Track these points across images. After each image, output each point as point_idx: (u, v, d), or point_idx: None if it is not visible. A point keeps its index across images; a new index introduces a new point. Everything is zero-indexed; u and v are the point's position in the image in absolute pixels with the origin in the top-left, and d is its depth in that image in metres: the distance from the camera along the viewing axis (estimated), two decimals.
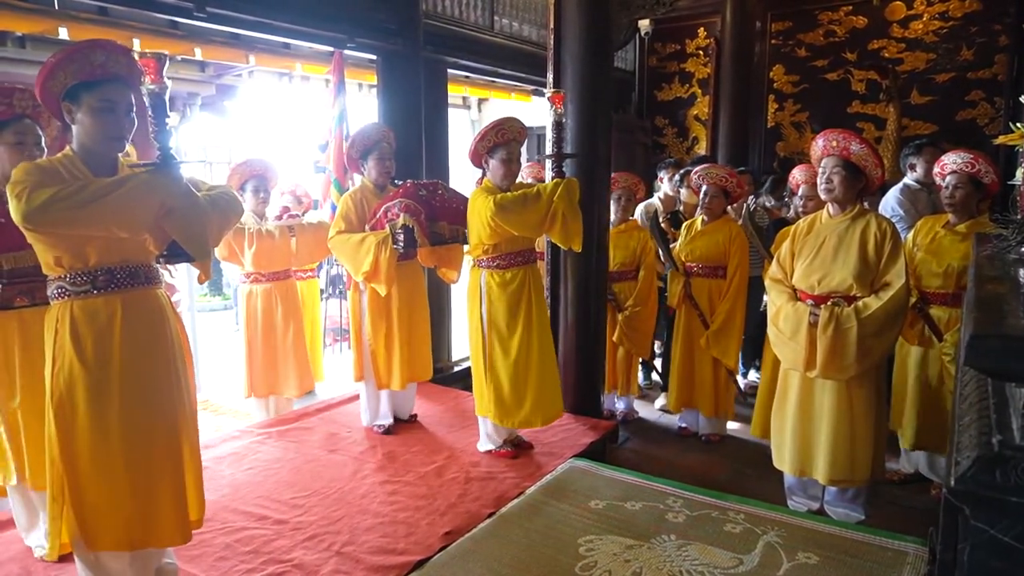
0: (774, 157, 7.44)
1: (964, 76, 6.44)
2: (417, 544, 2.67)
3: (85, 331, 2.02)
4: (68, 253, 2.00)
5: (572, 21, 3.76)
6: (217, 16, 3.72)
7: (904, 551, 2.58)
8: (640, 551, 2.61)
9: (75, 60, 1.94)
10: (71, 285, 2.03)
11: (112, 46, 1.99)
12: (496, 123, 3.20)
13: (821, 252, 2.84)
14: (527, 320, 3.31)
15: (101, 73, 1.98)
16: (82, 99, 1.98)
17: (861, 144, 2.74)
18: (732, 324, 3.88)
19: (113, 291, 2.05)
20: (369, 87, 6.99)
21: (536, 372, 3.33)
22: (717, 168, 4.00)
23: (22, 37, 4.71)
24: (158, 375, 2.14)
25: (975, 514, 1.08)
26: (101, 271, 2.04)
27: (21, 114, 2.41)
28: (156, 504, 2.12)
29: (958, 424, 1.33)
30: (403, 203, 3.45)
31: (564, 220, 3.16)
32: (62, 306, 2.04)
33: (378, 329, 3.71)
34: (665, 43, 8.10)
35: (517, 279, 3.31)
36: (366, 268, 3.49)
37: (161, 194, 1.97)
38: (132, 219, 1.97)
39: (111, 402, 2.04)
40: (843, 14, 6.99)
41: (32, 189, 1.86)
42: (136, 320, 2.09)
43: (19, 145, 2.40)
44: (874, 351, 2.72)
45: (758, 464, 3.50)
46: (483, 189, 3.26)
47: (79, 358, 2.01)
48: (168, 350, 2.17)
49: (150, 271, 2.16)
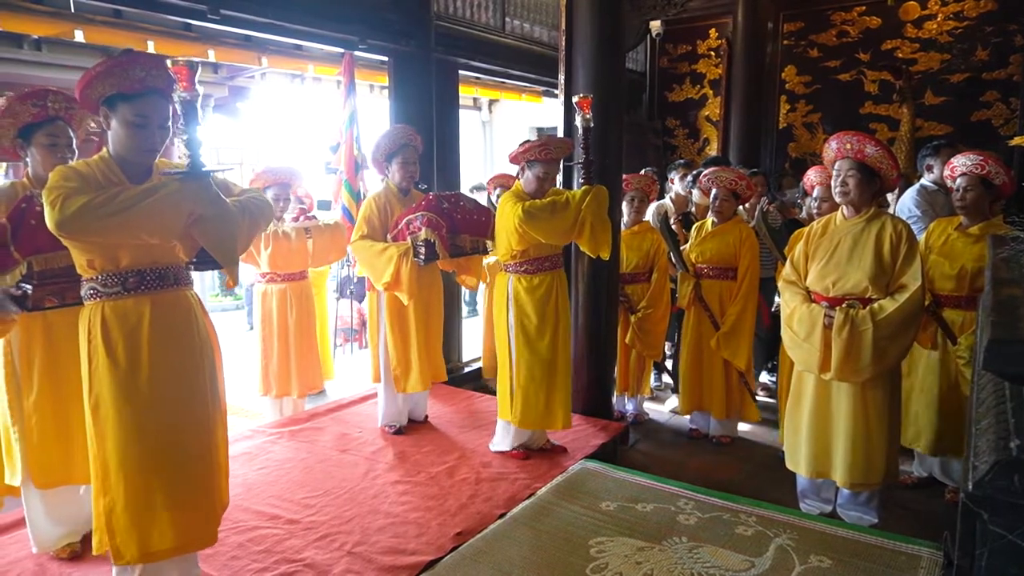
0: (786, 158, 7.41)
1: (979, 77, 6.39)
2: (428, 544, 2.68)
3: (116, 332, 2.05)
4: (101, 256, 2.04)
5: (584, 22, 3.75)
6: (231, 18, 3.75)
7: (918, 555, 2.57)
8: (651, 553, 2.60)
9: (114, 74, 1.97)
10: (102, 286, 2.06)
11: (151, 60, 2.02)
12: (543, 141, 3.20)
13: (836, 254, 2.82)
14: (554, 325, 3.33)
15: (140, 87, 2.01)
16: (119, 109, 2.02)
17: (876, 146, 2.72)
18: (742, 326, 3.86)
19: (143, 292, 2.08)
20: (381, 88, 7.02)
21: (561, 376, 3.37)
22: (726, 171, 3.98)
23: (38, 40, 4.78)
24: (188, 376, 2.14)
25: (993, 519, 1.07)
26: (131, 273, 2.07)
27: (55, 116, 2.45)
28: (189, 508, 2.12)
29: (975, 428, 1.32)
30: (425, 217, 3.45)
31: (592, 229, 3.16)
32: (94, 307, 2.07)
33: (395, 332, 3.71)
34: (676, 44, 8.08)
35: (545, 284, 3.32)
36: (387, 279, 3.51)
37: (191, 202, 1.98)
38: (162, 227, 1.99)
39: (141, 403, 2.05)
40: (856, 14, 6.95)
41: (66, 197, 1.89)
42: (165, 321, 2.10)
43: (52, 147, 2.43)
44: (890, 353, 2.70)
45: (770, 466, 3.49)
46: (513, 194, 3.27)
47: (110, 359, 2.04)
48: (198, 351, 2.18)
49: (180, 272, 2.18)
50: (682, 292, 4.04)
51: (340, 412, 4.21)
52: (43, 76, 5.02)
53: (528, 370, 3.33)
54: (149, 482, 2.07)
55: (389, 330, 3.71)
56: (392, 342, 3.71)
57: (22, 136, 2.45)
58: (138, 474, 2.06)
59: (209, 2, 3.59)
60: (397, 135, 3.70)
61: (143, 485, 2.06)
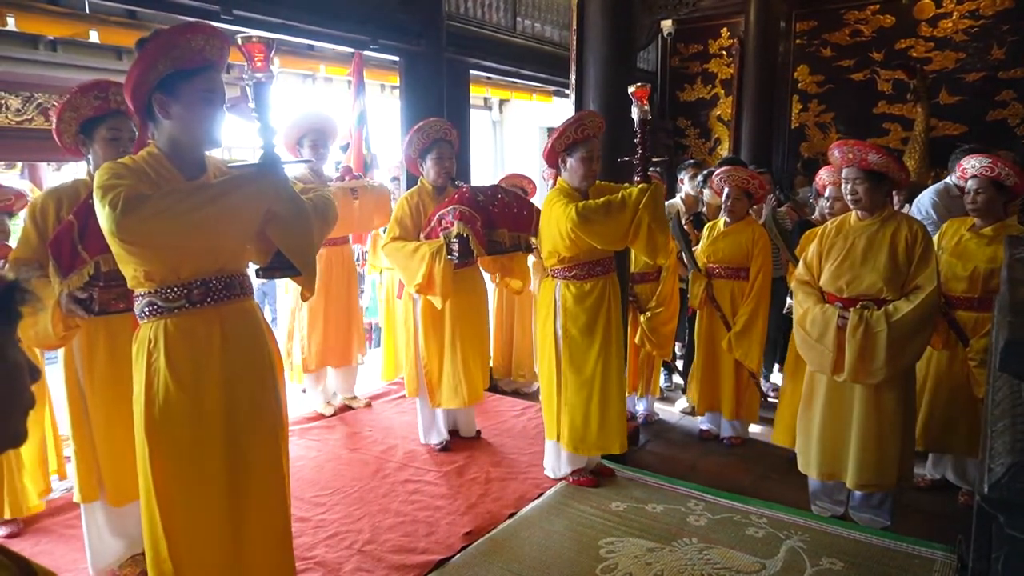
0: (798, 158, 7.36)
1: (995, 76, 6.33)
2: (438, 544, 2.68)
3: (182, 351, 1.81)
4: (161, 265, 1.78)
5: (595, 22, 3.74)
6: (243, 19, 3.77)
7: (931, 559, 2.54)
8: (661, 554, 2.59)
9: (177, 45, 1.71)
10: (163, 301, 1.80)
11: (209, 29, 1.77)
12: (576, 118, 2.96)
13: (850, 254, 2.80)
14: (605, 336, 3.05)
15: (200, 60, 1.77)
16: (179, 90, 1.76)
17: (878, 153, 2.71)
18: (754, 326, 3.84)
19: (209, 305, 1.84)
20: (392, 88, 7.04)
21: (615, 392, 3.09)
22: (739, 170, 3.95)
23: (53, 41, 4.82)
24: (258, 395, 1.93)
25: (1010, 522, 1.06)
26: (196, 283, 1.82)
27: (116, 109, 2.33)
28: (254, 542, 1.90)
29: (991, 430, 1.30)
30: (457, 210, 3.19)
31: (650, 231, 2.84)
32: (155, 325, 1.81)
33: (430, 341, 3.48)
34: (688, 44, 8.05)
35: (596, 291, 3.05)
36: (419, 280, 3.26)
37: (268, 198, 1.79)
38: (239, 228, 1.80)
39: (212, 429, 1.83)
40: (870, 13, 6.90)
41: (127, 196, 1.64)
42: (235, 336, 1.89)
43: (114, 141, 2.32)
44: (904, 355, 2.68)
45: (781, 468, 3.46)
46: (560, 192, 2.98)
47: (175, 381, 1.79)
48: (268, 368, 1.98)
49: (245, 281, 1.96)
50: (694, 292, 4.02)
51: (350, 412, 4.22)
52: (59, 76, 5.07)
53: (576, 388, 3.06)
54: (216, 515, 1.85)
55: (423, 339, 3.48)
56: (427, 353, 3.48)
57: (83, 131, 2.34)
58: (208, 510, 1.84)
59: (222, 3, 3.62)
60: (431, 129, 3.49)
61: (212, 518, 1.84)
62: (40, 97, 5.06)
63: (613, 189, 3.03)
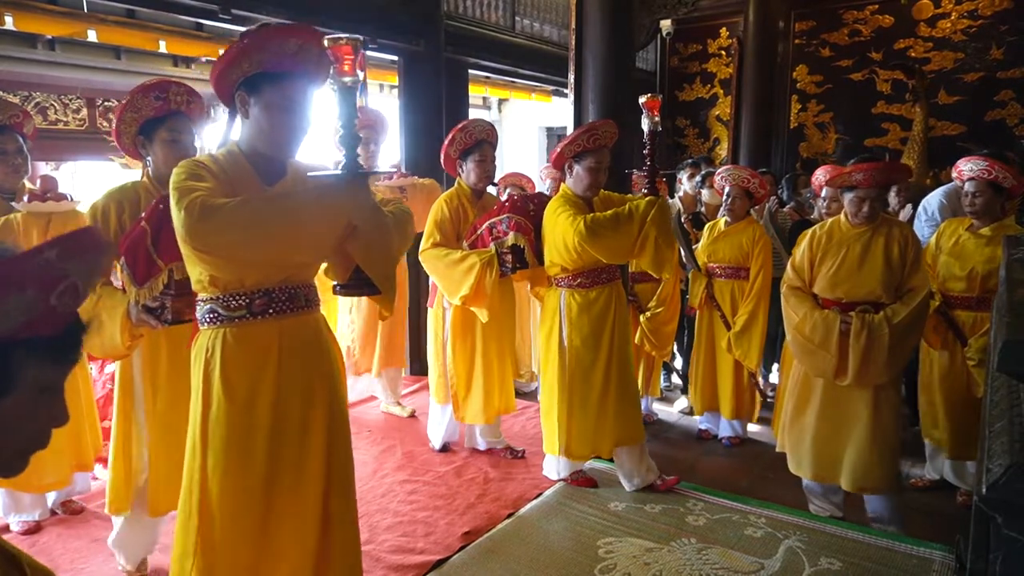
0: (797, 158, 7.36)
1: (993, 76, 6.33)
2: (436, 544, 2.68)
3: (238, 364, 1.74)
4: (227, 272, 1.71)
5: (594, 22, 3.75)
6: (242, 18, 3.77)
7: (930, 559, 2.54)
8: (660, 554, 2.59)
9: (268, 48, 1.67)
10: (224, 309, 1.74)
11: (308, 33, 1.71)
12: (589, 127, 2.93)
13: (847, 261, 2.80)
14: (610, 345, 2.99)
15: (289, 65, 1.71)
16: (262, 92, 1.70)
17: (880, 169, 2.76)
18: (754, 326, 3.84)
19: (270, 317, 1.75)
20: (390, 88, 7.04)
21: (616, 402, 3.03)
22: (740, 169, 3.96)
23: (52, 40, 4.81)
24: (311, 415, 1.81)
25: (1008, 523, 1.06)
26: (259, 293, 1.74)
27: (176, 109, 2.30)
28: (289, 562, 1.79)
29: (989, 431, 1.30)
30: (512, 220, 3.07)
31: (657, 245, 2.81)
32: (214, 333, 1.75)
33: (459, 353, 3.37)
34: (687, 43, 8.05)
35: (601, 300, 2.98)
36: (465, 292, 3.12)
37: (349, 212, 1.66)
38: (316, 243, 1.71)
39: (257, 446, 1.74)
40: (869, 13, 6.90)
41: (204, 203, 1.56)
42: (293, 351, 1.79)
43: (174, 143, 2.28)
44: (903, 355, 2.72)
45: (779, 468, 3.46)
46: (564, 201, 2.92)
47: (227, 395, 1.73)
48: (327, 386, 1.86)
49: (310, 292, 1.86)
50: (694, 292, 4.03)
51: (349, 411, 4.21)
52: (57, 75, 5.07)
53: (580, 397, 3.01)
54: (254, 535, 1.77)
55: (452, 350, 3.37)
56: (455, 364, 3.37)
57: (143, 133, 2.29)
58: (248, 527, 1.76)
59: (220, 2, 3.61)
60: (476, 129, 3.33)
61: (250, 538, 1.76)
62: (38, 96, 5.06)
63: (617, 199, 3.00)
